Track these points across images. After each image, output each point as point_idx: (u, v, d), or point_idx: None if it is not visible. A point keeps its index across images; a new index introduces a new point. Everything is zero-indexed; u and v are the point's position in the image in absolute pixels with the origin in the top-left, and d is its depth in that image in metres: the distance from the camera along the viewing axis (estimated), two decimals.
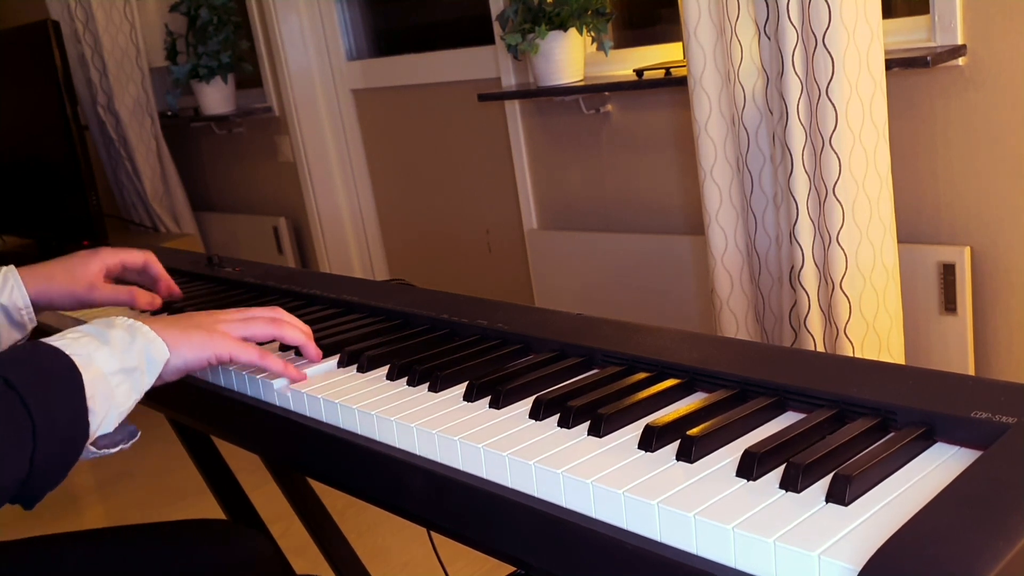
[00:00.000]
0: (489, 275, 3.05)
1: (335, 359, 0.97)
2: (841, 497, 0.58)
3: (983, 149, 1.86)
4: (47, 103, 3.05)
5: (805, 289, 1.86)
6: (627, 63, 2.46)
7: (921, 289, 1.95)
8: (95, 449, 0.81)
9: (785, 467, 0.62)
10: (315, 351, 0.97)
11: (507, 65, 2.67)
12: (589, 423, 0.73)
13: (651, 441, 0.69)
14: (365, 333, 1.04)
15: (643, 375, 0.82)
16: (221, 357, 0.90)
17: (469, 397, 0.82)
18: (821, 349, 1.89)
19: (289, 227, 3.61)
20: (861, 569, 0.51)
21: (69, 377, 0.77)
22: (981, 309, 1.94)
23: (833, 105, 1.72)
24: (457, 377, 0.87)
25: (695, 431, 0.68)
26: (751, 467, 0.63)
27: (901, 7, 2.01)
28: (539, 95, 2.53)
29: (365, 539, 2.13)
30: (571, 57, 2.40)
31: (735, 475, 0.63)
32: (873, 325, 1.83)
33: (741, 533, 0.56)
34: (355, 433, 0.83)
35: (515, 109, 2.72)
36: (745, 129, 1.92)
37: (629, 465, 0.67)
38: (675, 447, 0.68)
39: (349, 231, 3.49)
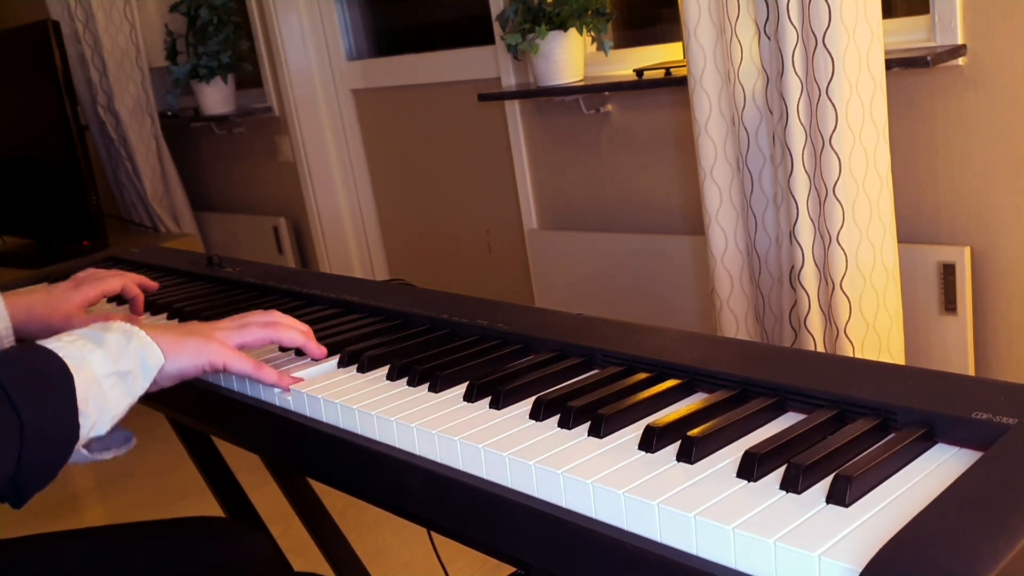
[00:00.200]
0: (489, 275, 3.05)
1: (335, 359, 0.97)
2: (842, 498, 0.58)
3: (983, 149, 1.86)
4: (47, 103, 3.05)
5: (805, 289, 1.86)
6: (627, 63, 2.46)
7: (921, 289, 1.95)
8: (88, 453, 0.81)
9: (786, 468, 0.62)
10: (317, 349, 0.97)
11: (507, 65, 2.67)
12: (589, 423, 0.73)
13: (651, 442, 0.69)
14: (365, 333, 1.04)
15: (643, 375, 0.82)
16: (215, 365, 0.90)
17: (469, 397, 0.82)
18: (821, 349, 1.89)
19: (289, 227, 3.61)
20: (862, 570, 0.51)
21: (60, 377, 0.77)
22: (981, 309, 1.94)
23: (833, 105, 1.72)
24: (457, 377, 0.87)
25: (696, 432, 0.68)
26: (752, 468, 0.63)
27: (901, 7, 2.01)
28: (539, 95, 2.53)
29: (365, 539, 2.13)
30: (571, 57, 2.40)
31: (735, 476, 0.63)
32: (873, 325, 1.83)
33: (741, 534, 0.56)
34: (355, 433, 0.83)
35: (515, 109, 2.72)
36: (745, 129, 1.92)
37: (629, 466, 0.67)
38: (675, 448, 0.68)
39: (349, 231, 3.49)
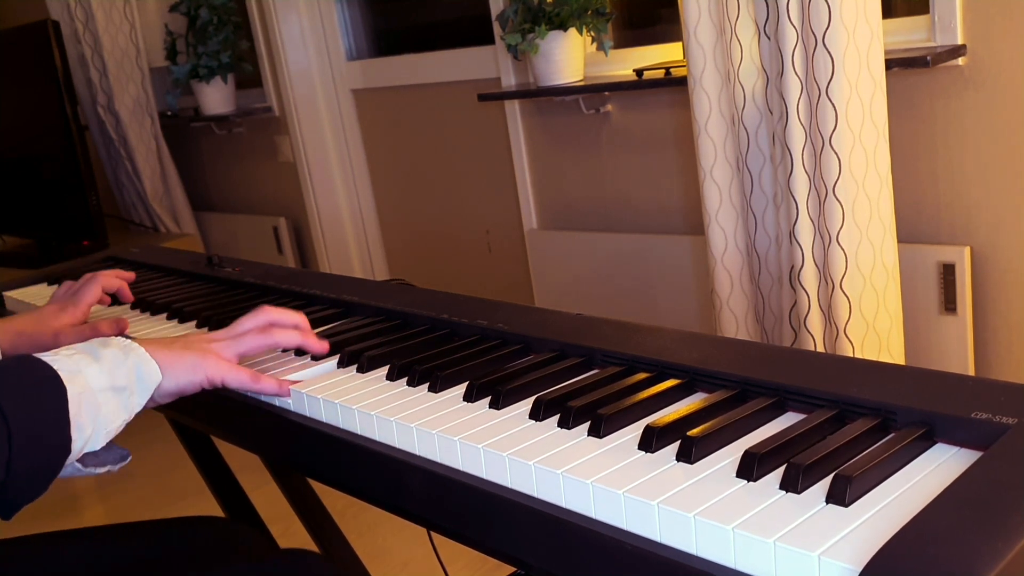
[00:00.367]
0: (489, 275, 3.05)
1: (335, 359, 0.97)
2: (841, 498, 0.58)
3: (983, 149, 1.86)
4: (47, 103, 3.05)
5: (805, 289, 1.86)
6: (627, 63, 2.46)
7: (921, 289, 1.95)
8: (81, 466, 0.81)
9: (785, 468, 0.62)
10: (317, 344, 0.97)
11: (507, 65, 2.67)
12: (589, 423, 0.73)
13: (651, 441, 0.69)
14: (365, 333, 1.03)
15: (643, 375, 0.82)
16: (213, 380, 0.90)
17: (469, 397, 0.82)
18: (821, 349, 1.89)
19: (289, 227, 3.61)
20: (862, 570, 0.51)
21: (51, 387, 0.76)
22: (981, 309, 1.94)
23: (833, 105, 1.72)
24: (457, 377, 0.87)
25: (695, 432, 0.68)
26: (751, 468, 0.63)
27: (901, 7, 2.01)
28: (539, 95, 2.53)
29: (365, 539, 2.13)
30: (571, 57, 2.40)
31: (735, 476, 0.63)
32: (873, 325, 1.83)
33: (741, 533, 0.56)
34: (355, 433, 0.83)
35: (515, 109, 2.72)
36: (745, 129, 1.92)
37: (629, 465, 0.67)
38: (675, 448, 0.68)
39: (349, 231, 3.49)
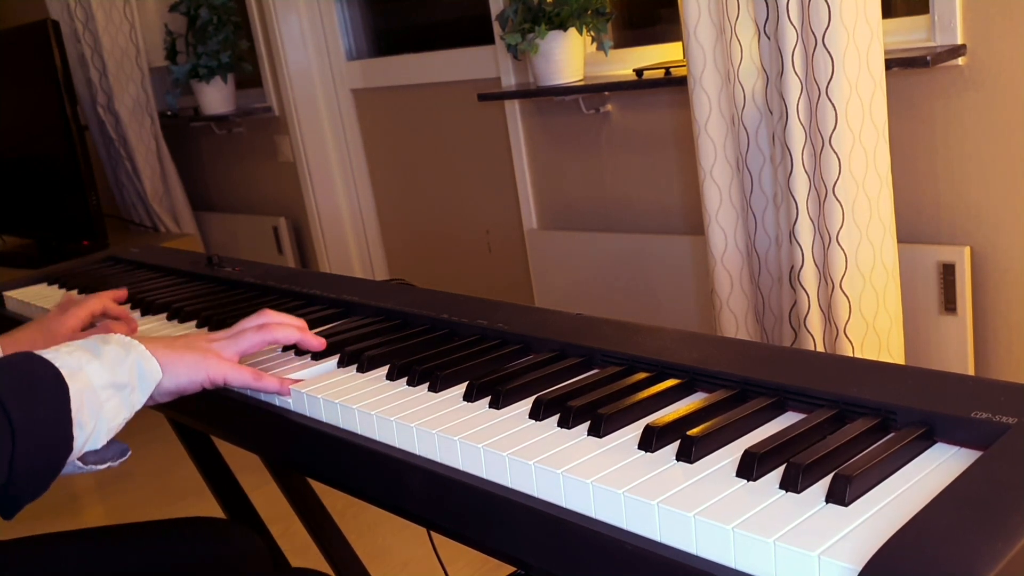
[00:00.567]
0: (489, 275, 3.05)
1: (335, 359, 0.97)
2: (841, 497, 0.58)
3: (983, 149, 1.86)
4: (47, 103, 3.05)
5: (805, 289, 1.86)
6: (627, 63, 2.46)
7: (921, 289, 1.95)
8: (82, 464, 0.81)
9: (785, 467, 0.62)
10: (315, 341, 0.97)
11: (507, 65, 2.67)
12: (589, 423, 0.73)
13: (651, 441, 0.69)
14: (365, 333, 1.03)
15: (643, 375, 0.82)
16: (215, 380, 0.90)
17: (469, 397, 0.82)
18: (821, 349, 1.89)
19: (289, 227, 3.61)
20: (861, 569, 0.51)
21: (53, 384, 0.76)
22: (981, 309, 1.94)
23: (833, 105, 1.72)
24: (457, 377, 0.87)
25: (695, 431, 0.68)
26: (751, 467, 0.63)
27: (901, 7, 2.01)
28: (539, 95, 2.53)
29: (365, 539, 2.13)
30: (571, 57, 2.40)
31: (735, 475, 0.63)
32: (873, 325, 1.83)
33: (741, 533, 0.56)
34: (355, 433, 0.83)
35: (515, 109, 2.72)
36: (745, 129, 1.92)
37: (629, 465, 0.67)
38: (675, 447, 0.68)
39: (349, 231, 3.49)
